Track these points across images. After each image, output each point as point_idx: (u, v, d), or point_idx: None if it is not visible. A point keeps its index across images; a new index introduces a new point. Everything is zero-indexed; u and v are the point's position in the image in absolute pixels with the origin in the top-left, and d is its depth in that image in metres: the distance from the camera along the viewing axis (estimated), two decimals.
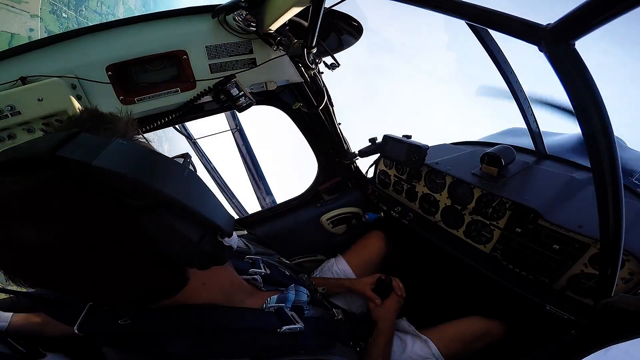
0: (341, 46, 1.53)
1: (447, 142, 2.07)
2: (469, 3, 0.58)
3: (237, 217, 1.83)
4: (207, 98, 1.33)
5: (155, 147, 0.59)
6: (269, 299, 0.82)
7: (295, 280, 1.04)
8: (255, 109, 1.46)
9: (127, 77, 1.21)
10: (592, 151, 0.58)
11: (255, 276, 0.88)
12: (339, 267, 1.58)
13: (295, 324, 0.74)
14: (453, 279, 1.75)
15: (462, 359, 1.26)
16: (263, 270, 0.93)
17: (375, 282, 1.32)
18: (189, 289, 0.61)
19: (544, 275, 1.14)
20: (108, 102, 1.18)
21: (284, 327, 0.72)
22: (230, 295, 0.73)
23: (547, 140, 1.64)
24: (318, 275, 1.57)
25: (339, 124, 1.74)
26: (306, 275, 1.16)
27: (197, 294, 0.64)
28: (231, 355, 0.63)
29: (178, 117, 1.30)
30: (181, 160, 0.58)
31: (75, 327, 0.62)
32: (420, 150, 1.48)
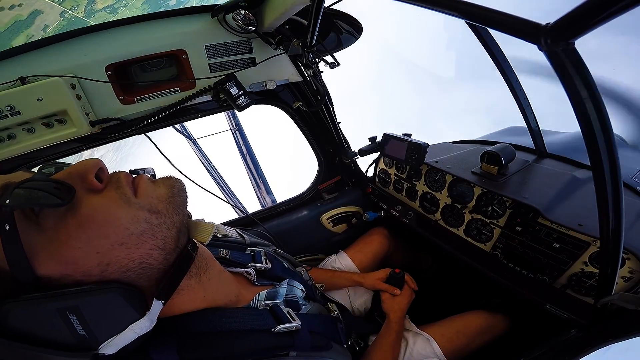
0: (341, 45, 1.53)
1: (447, 141, 2.07)
2: (469, 2, 0.58)
3: (238, 216, 1.83)
4: (207, 97, 1.33)
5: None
6: (257, 294, 0.78)
7: (293, 273, 1.01)
8: (255, 109, 1.47)
9: (127, 76, 1.21)
10: (591, 149, 0.58)
11: (248, 269, 0.85)
12: (341, 263, 1.58)
13: (292, 322, 0.71)
14: (455, 276, 1.76)
15: (465, 353, 1.26)
16: (264, 265, 0.89)
17: (388, 275, 1.33)
18: (175, 303, 0.60)
19: (544, 273, 1.14)
20: (108, 101, 1.18)
21: (279, 327, 0.69)
22: (217, 297, 0.70)
23: (547, 139, 1.64)
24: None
25: (339, 122, 1.74)
26: (304, 268, 1.13)
27: (184, 305, 0.63)
28: (222, 358, 0.61)
29: (174, 113, 1.30)
30: None
31: None
32: (420, 148, 1.48)
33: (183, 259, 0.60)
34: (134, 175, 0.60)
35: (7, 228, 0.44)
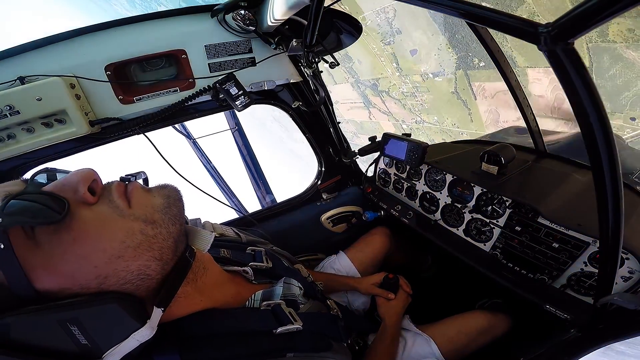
0: (340, 45, 1.53)
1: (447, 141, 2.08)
2: (469, 2, 0.58)
3: (237, 216, 1.83)
4: (206, 97, 1.33)
5: None
6: (253, 295, 0.77)
7: (292, 271, 1.00)
8: (255, 108, 1.46)
9: (126, 76, 1.21)
10: (591, 150, 0.58)
11: (245, 268, 0.84)
12: (340, 264, 1.57)
13: (293, 323, 0.71)
14: (455, 276, 1.76)
15: (465, 353, 1.26)
16: (264, 264, 0.89)
17: (382, 280, 1.33)
18: (172, 309, 0.60)
19: (543, 273, 1.14)
20: (107, 101, 1.18)
21: (280, 328, 0.68)
22: (215, 298, 0.70)
23: (546, 139, 1.64)
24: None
25: (339, 122, 1.74)
26: (302, 266, 1.13)
27: (181, 310, 0.63)
28: None
29: (173, 113, 1.30)
30: None
31: None
32: (420, 148, 1.48)
33: (181, 266, 0.60)
34: (126, 183, 0.59)
35: (2, 247, 0.44)
